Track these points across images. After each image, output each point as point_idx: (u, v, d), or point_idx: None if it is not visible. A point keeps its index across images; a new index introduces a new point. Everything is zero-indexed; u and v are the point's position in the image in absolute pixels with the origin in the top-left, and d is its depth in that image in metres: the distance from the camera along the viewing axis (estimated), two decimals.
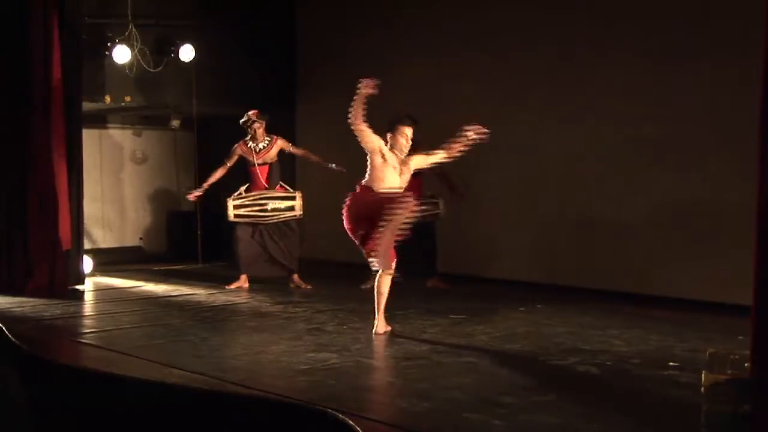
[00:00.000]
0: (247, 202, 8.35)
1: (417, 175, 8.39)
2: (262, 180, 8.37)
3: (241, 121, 8.33)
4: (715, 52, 7.29)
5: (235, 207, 8.32)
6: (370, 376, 4.92)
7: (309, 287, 8.39)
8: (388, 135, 6.02)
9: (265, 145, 8.36)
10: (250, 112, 8.32)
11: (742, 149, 6.60)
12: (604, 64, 8.01)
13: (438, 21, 9.43)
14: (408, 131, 6.03)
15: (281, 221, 8.41)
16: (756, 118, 3.71)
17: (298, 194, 8.46)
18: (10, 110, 7.79)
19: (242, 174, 8.50)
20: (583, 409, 4.39)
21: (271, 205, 8.35)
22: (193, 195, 8.56)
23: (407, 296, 7.85)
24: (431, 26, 9.49)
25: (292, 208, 8.39)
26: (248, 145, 8.36)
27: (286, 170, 8.86)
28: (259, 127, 8.30)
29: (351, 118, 5.80)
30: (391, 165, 5.98)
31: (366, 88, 5.72)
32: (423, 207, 8.30)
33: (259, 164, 8.35)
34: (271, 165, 8.41)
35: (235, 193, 8.40)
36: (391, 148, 6.01)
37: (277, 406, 2.83)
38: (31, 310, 7.11)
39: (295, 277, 8.50)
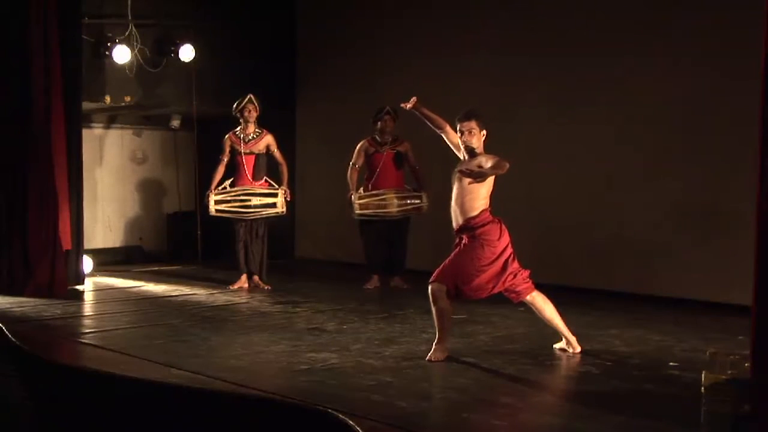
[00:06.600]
0: (229, 198, 8.30)
1: (399, 168, 8.45)
2: (247, 170, 8.30)
3: (234, 105, 8.30)
4: (714, 53, 7.30)
5: (217, 202, 8.28)
6: (370, 376, 4.92)
7: (269, 288, 8.31)
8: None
9: (255, 137, 8.33)
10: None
11: (742, 149, 6.61)
12: (607, 65, 8.01)
13: (438, 20, 9.43)
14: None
15: (258, 219, 8.34)
16: (756, 118, 3.70)
17: (281, 191, 8.34)
18: (10, 110, 7.79)
19: (232, 168, 8.46)
20: (583, 409, 4.39)
21: (254, 201, 8.32)
22: (211, 199, 8.31)
23: (407, 296, 7.86)
24: (431, 26, 9.48)
25: (274, 205, 8.32)
26: (238, 135, 8.33)
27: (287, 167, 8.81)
28: (251, 110, 8.23)
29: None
30: None
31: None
32: (408, 201, 8.33)
33: (245, 153, 8.29)
34: (257, 156, 8.34)
35: (220, 187, 8.33)
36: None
37: (277, 406, 2.83)
38: (31, 310, 7.11)
39: (255, 277, 8.44)
